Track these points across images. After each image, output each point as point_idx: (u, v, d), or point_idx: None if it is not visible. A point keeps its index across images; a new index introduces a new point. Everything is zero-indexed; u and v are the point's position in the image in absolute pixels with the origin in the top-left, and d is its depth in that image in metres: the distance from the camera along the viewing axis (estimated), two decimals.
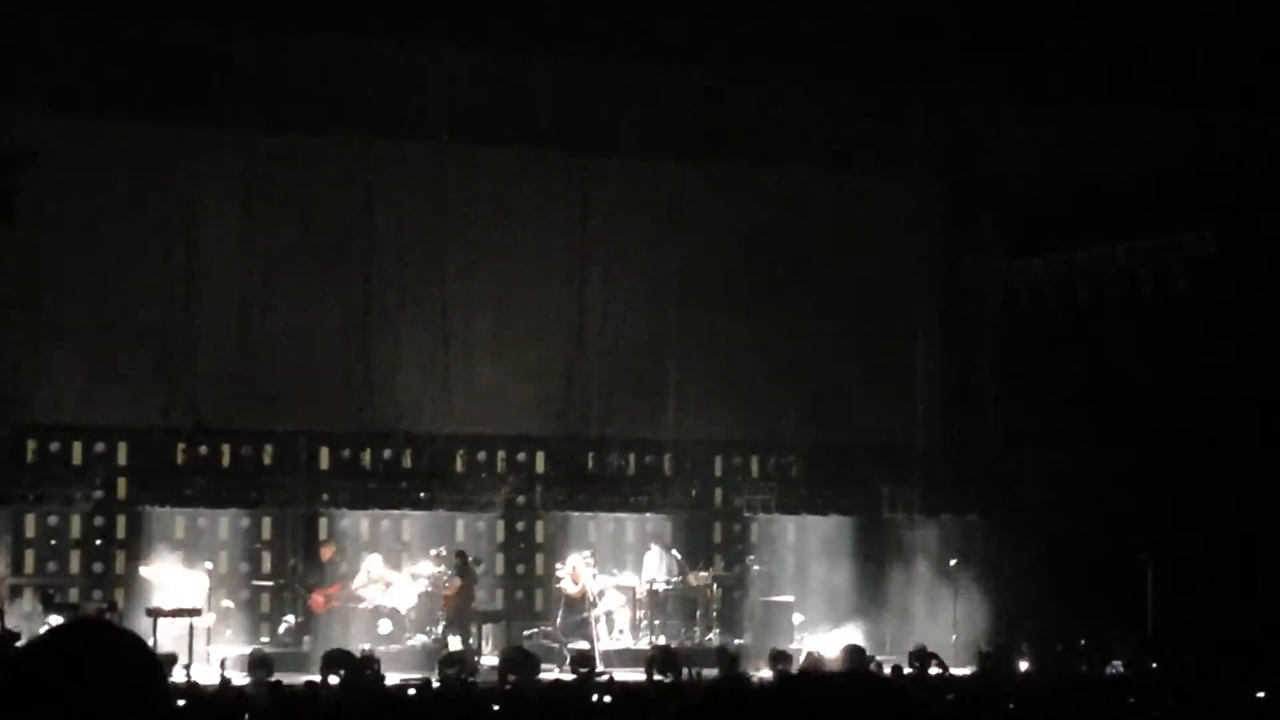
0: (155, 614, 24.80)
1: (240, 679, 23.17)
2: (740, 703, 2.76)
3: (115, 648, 3.68)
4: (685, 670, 23.44)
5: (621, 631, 27.99)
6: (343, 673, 22.52)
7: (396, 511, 28.85)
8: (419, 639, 26.94)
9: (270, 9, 26.88)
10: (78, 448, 28.07)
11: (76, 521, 27.97)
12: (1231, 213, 27.55)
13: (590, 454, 30.21)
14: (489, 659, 25.96)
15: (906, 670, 24.42)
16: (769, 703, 2.74)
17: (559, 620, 27.28)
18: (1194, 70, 27.77)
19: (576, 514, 29.56)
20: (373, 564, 27.54)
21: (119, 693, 3.58)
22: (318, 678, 22.36)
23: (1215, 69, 27.73)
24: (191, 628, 24.62)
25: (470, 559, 27.87)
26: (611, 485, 29.85)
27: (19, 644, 22.78)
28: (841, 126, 29.71)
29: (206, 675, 23.81)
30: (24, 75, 26.52)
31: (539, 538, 29.97)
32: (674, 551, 28.75)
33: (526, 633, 27.45)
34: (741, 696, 2.77)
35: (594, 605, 27.19)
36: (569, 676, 24.34)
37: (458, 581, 27.22)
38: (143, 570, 26.43)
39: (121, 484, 28.12)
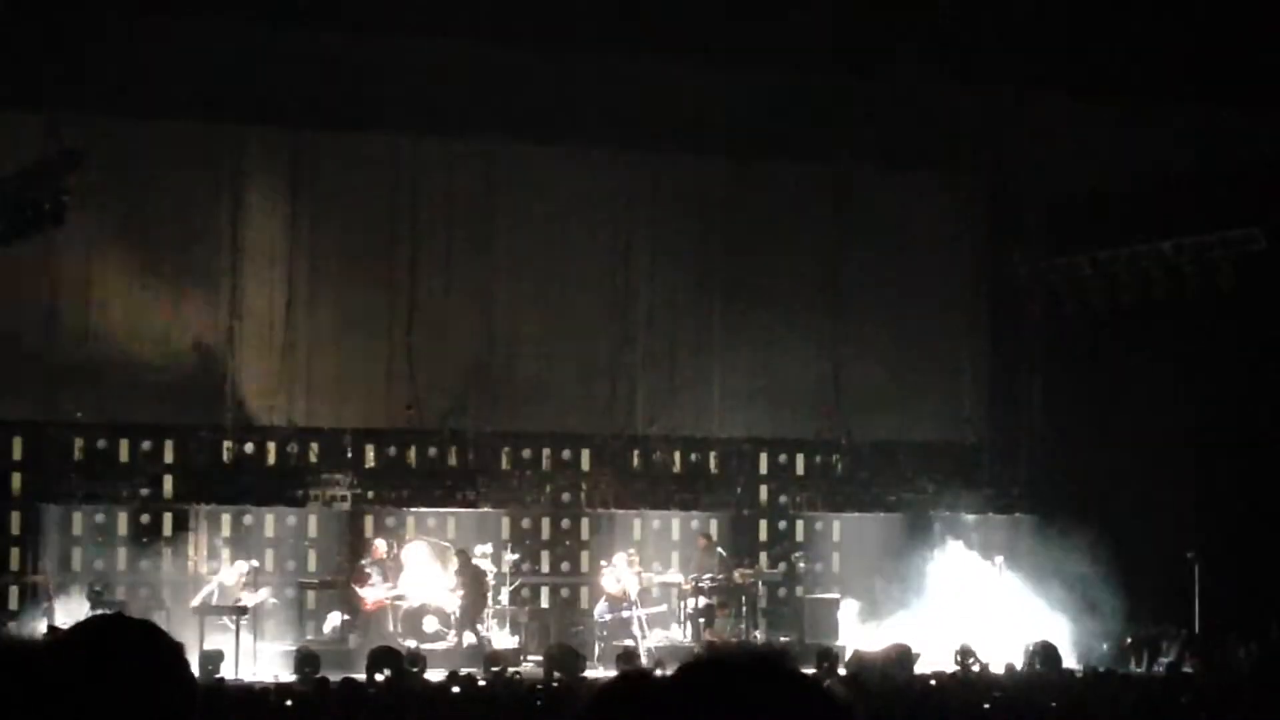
0: (202, 611, 24.92)
1: (287, 676, 23.26)
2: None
3: (136, 644, 3.67)
4: None
5: (666, 628, 27.99)
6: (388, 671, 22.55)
7: (442, 509, 28.90)
8: (466, 637, 26.93)
9: (317, 7, 26.94)
10: (124, 445, 28.19)
11: (123, 519, 28.09)
12: None
13: (636, 452, 30.24)
14: (534, 656, 26.02)
15: (951, 668, 24.37)
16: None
17: (599, 618, 27.28)
18: (1242, 65, 27.61)
19: (621, 512, 29.59)
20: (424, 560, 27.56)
21: (140, 689, 3.58)
22: (364, 675, 22.40)
23: (1264, 64, 27.56)
24: (238, 625, 24.72)
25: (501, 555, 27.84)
26: (657, 483, 29.85)
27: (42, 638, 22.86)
28: (888, 124, 29.65)
29: (252, 672, 23.93)
30: (71, 77, 26.65)
31: (584, 535, 29.97)
32: (720, 549, 28.74)
33: (571, 630, 27.47)
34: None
35: (635, 604, 27.17)
36: (614, 674, 24.29)
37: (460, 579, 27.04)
38: (217, 577, 26.39)
39: (168, 481, 28.23)
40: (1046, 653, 25.42)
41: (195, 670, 3.91)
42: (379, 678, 22.14)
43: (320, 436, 28.89)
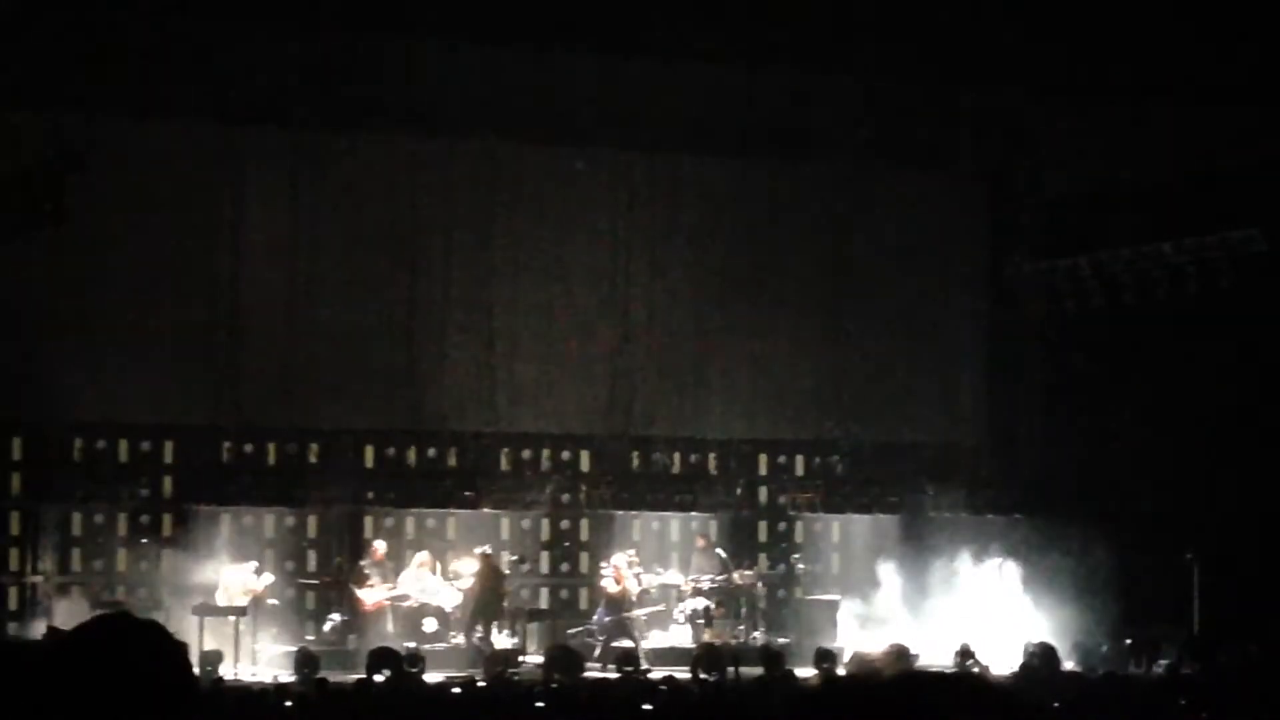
0: (202, 612, 24.90)
1: (286, 677, 23.24)
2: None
3: (140, 644, 3.66)
4: (730, 669, 23.38)
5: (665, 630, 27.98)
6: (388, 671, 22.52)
7: (441, 510, 28.88)
8: (469, 635, 26.91)
9: (316, 9, 26.95)
10: (124, 446, 28.20)
11: (123, 520, 28.06)
12: None
13: (635, 452, 30.24)
14: (534, 657, 25.99)
15: (950, 669, 24.34)
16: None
17: (599, 619, 27.26)
18: (1242, 65, 27.61)
19: (621, 513, 29.56)
20: (421, 562, 27.51)
21: (144, 689, 3.57)
22: (363, 676, 22.39)
23: (1264, 64, 27.57)
24: (238, 626, 24.70)
25: (500, 557, 27.79)
26: (656, 484, 29.84)
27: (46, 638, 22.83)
28: (888, 125, 29.67)
29: (252, 673, 23.92)
30: (72, 77, 26.65)
31: (583, 536, 29.94)
32: (719, 550, 28.72)
33: (570, 631, 27.44)
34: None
35: (635, 604, 27.16)
36: (613, 675, 24.30)
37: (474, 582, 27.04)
38: (225, 574, 26.28)
39: (168, 482, 28.23)
40: (1045, 653, 25.38)
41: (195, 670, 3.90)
42: (378, 678, 22.12)
43: (320, 437, 28.88)
